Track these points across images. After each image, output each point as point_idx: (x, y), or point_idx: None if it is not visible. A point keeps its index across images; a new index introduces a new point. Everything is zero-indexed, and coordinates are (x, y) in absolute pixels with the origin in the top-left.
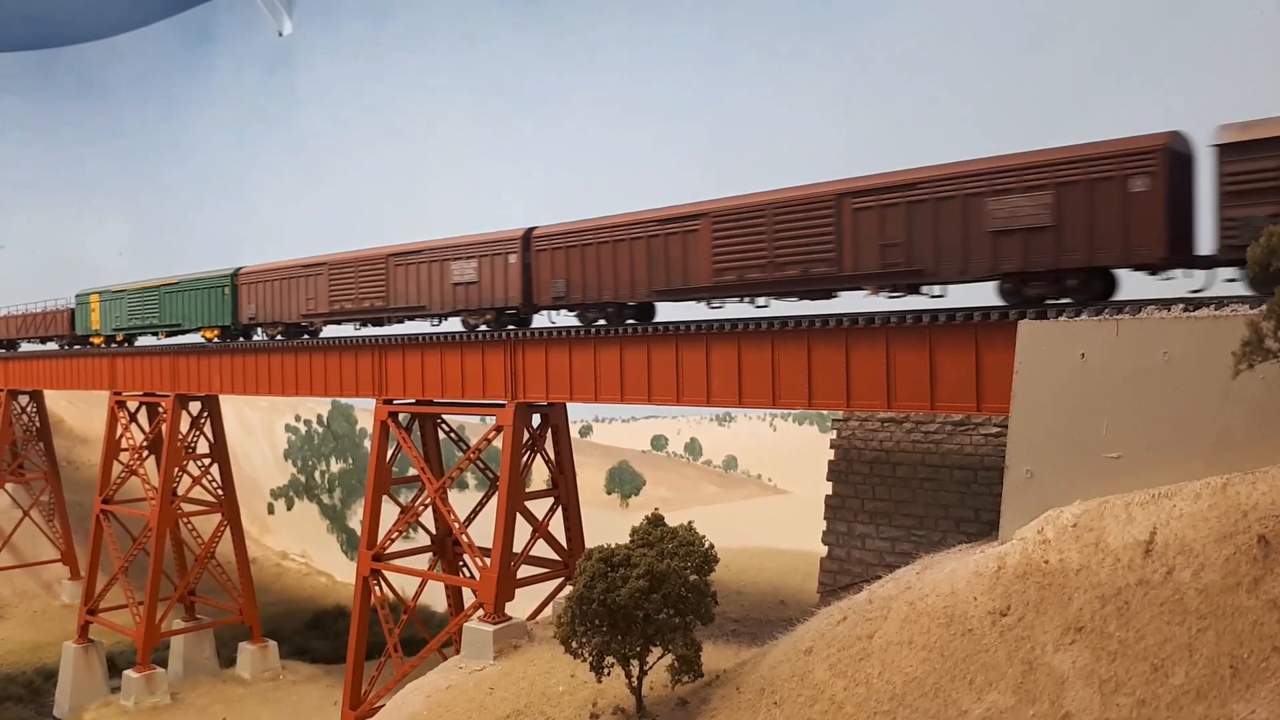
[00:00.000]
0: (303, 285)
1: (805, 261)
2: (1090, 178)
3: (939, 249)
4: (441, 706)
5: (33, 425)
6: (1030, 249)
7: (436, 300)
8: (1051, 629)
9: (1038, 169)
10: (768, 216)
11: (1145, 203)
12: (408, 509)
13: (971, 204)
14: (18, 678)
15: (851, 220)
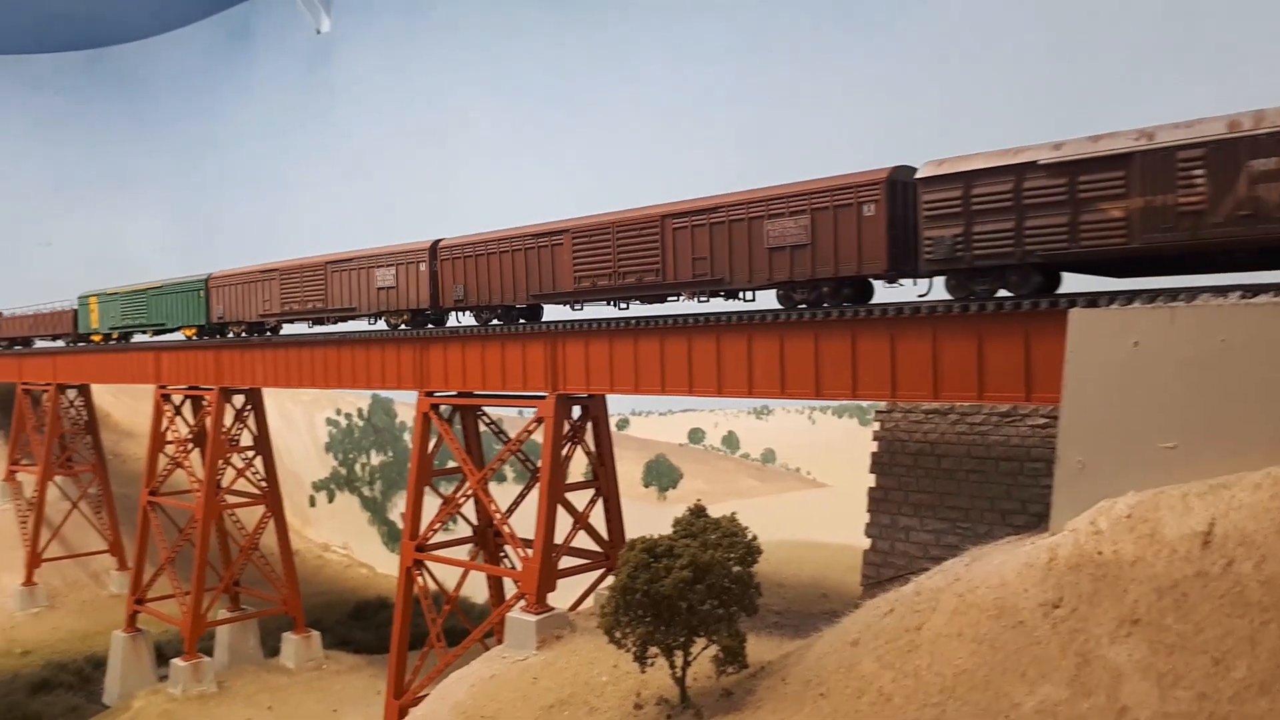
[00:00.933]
0: (260, 289)
1: (640, 271)
2: (835, 204)
3: (733, 262)
4: (486, 695)
5: (81, 419)
6: (795, 262)
7: (363, 303)
8: (1106, 621)
9: (798, 197)
10: (612, 234)
11: (873, 225)
12: (449, 500)
13: (754, 225)
14: (68, 665)
15: (671, 238)
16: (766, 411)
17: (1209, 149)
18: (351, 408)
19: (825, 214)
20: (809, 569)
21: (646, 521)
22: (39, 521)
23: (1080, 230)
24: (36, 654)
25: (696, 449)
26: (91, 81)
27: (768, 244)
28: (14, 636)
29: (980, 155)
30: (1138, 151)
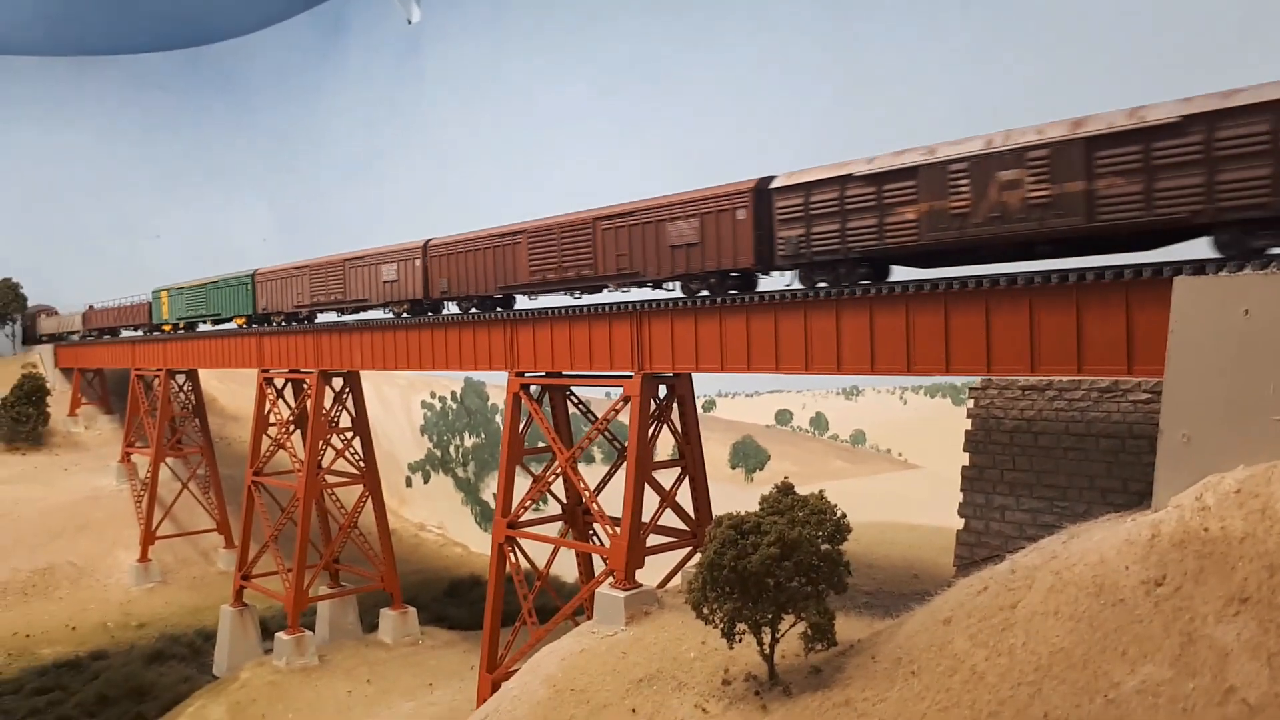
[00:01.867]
0: (295, 283)
1: (579, 266)
2: (717, 210)
3: (645, 258)
4: (576, 669)
5: (189, 403)
6: (690, 258)
7: (373, 294)
8: (1213, 600)
9: (691, 203)
10: (557, 235)
11: (744, 227)
12: (539, 478)
13: (661, 227)
14: (180, 638)
15: (601, 238)
16: (856, 392)
17: (970, 162)
18: (445, 391)
19: (710, 217)
20: (900, 550)
21: (734, 503)
22: (152, 501)
23: (885, 230)
24: (151, 627)
25: (784, 430)
26: (194, 78)
27: (670, 243)
28: (130, 610)
29: (817, 169)
30: (922, 164)
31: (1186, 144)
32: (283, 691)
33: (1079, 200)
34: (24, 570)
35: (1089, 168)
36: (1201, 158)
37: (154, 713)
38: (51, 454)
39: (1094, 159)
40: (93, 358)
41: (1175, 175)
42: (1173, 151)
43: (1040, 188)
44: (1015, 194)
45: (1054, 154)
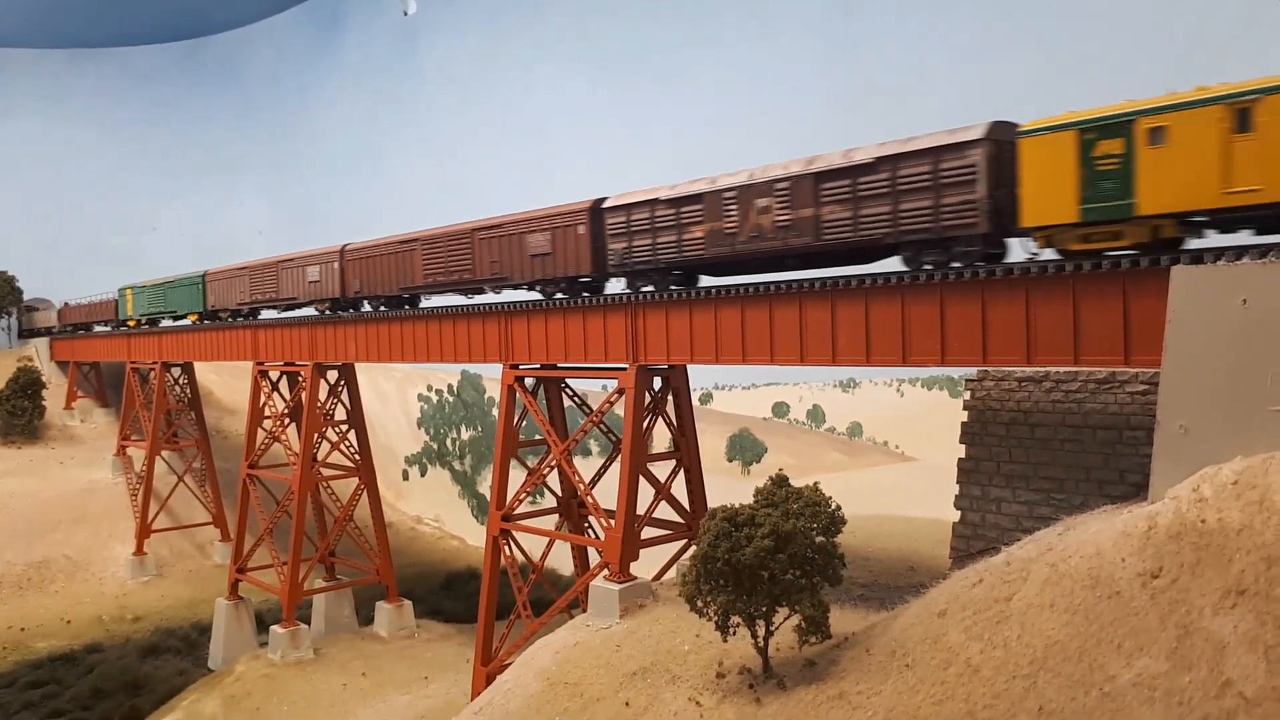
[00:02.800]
0: (238, 282)
1: (461, 270)
2: (564, 225)
3: (512, 265)
4: (570, 663)
5: (185, 396)
6: (545, 266)
7: (301, 293)
8: (1210, 592)
9: (545, 219)
10: (444, 243)
11: (583, 240)
12: (534, 471)
13: (523, 239)
14: (176, 631)
15: (478, 247)
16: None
17: (738, 191)
18: (442, 384)
19: (559, 232)
20: (896, 543)
21: (730, 495)
22: (148, 494)
23: (683, 245)
24: (146, 620)
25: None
26: (192, 71)
27: (530, 252)
28: (126, 603)
29: (636, 193)
30: (705, 192)
31: (879, 180)
32: (278, 685)
33: (810, 223)
34: (19, 563)
35: (817, 197)
36: (889, 191)
37: (149, 706)
38: (47, 447)
39: (820, 190)
40: (88, 351)
41: (872, 204)
42: (870, 185)
43: (784, 213)
44: (768, 218)
45: (793, 185)
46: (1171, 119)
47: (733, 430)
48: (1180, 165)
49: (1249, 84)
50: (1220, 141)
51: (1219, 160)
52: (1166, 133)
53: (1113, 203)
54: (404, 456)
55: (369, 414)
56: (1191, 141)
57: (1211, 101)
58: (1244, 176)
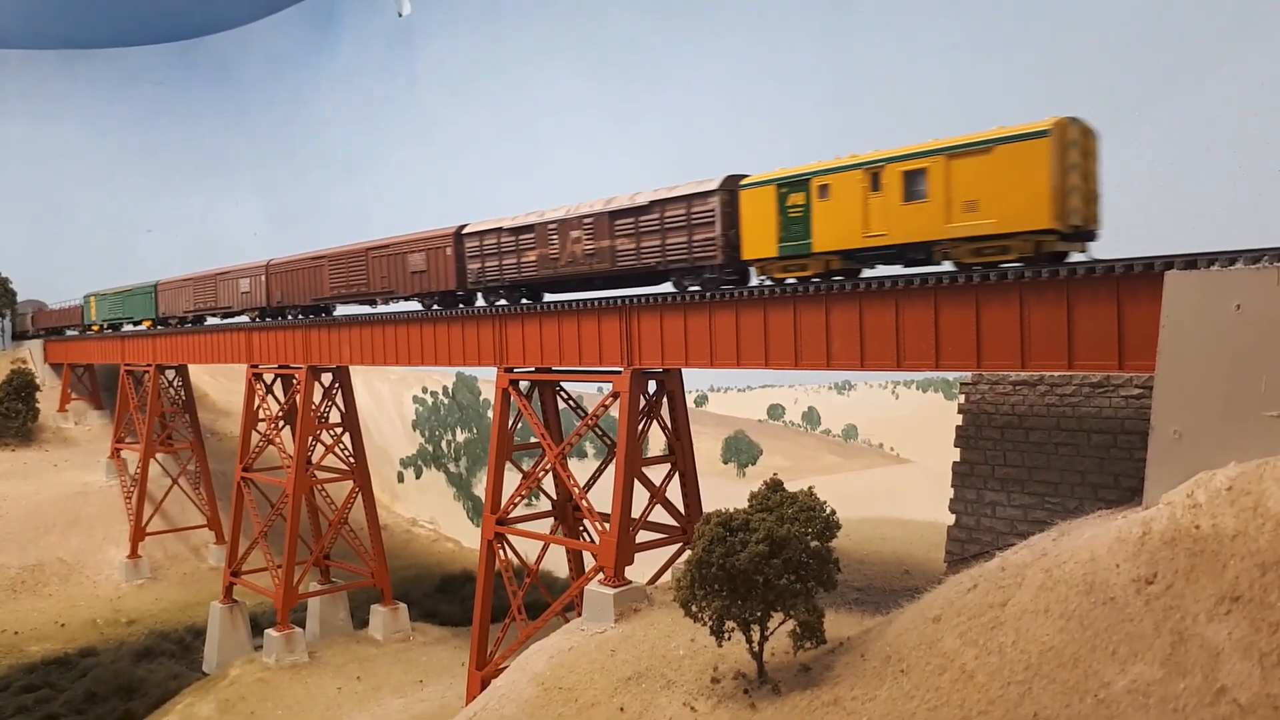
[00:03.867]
0: (184, 292)
1: (359, 284)
2: (434, 247)
3: (397, 280)
4: (564, 667)
5: (179, 398)
6: (422, 281)
7: (235, 302)
8: (1204, 598)
9: (421, 241)
10: (345, 260)
11: (449, 260)
12: (529, 474)
13: (406, 258)
14: (170, 635)
15: (370, 263)
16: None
17: (559, 224)
18: (437, 386)
19: (432, 252)
20: (891, 546)
21: (726, 498)
22: (142, 497)
23: (521, 267)
24: (140, 623)
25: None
26: (186, 72)
27: (410, 270)
28: (120, 606)
29: (488, 221)
30: (536, 223)
31: (652, 219)
32: (272, 688)
33: (608, 252)
34: (13, 567)
35: (612, 231)
36: (659, 228)
37: (143, 710)
38: (41, 450)
39: (614, 226)
40: (82, 353)
41: (649, 238)
42: (647, 223)
43: (590, 243)
44: (579, 246)
45: (595, 221)
46: (832, 179)
47: (728, 432)
48: (838, 214)
49: (879, 153)
50: (862, 197)
51: (861, 211)
52: (830, 189)
53: (798, 242)
54: (399, 459)
55: (364, 416)
56: (845, 197)
57: (856, 166)
58: (876, 224)
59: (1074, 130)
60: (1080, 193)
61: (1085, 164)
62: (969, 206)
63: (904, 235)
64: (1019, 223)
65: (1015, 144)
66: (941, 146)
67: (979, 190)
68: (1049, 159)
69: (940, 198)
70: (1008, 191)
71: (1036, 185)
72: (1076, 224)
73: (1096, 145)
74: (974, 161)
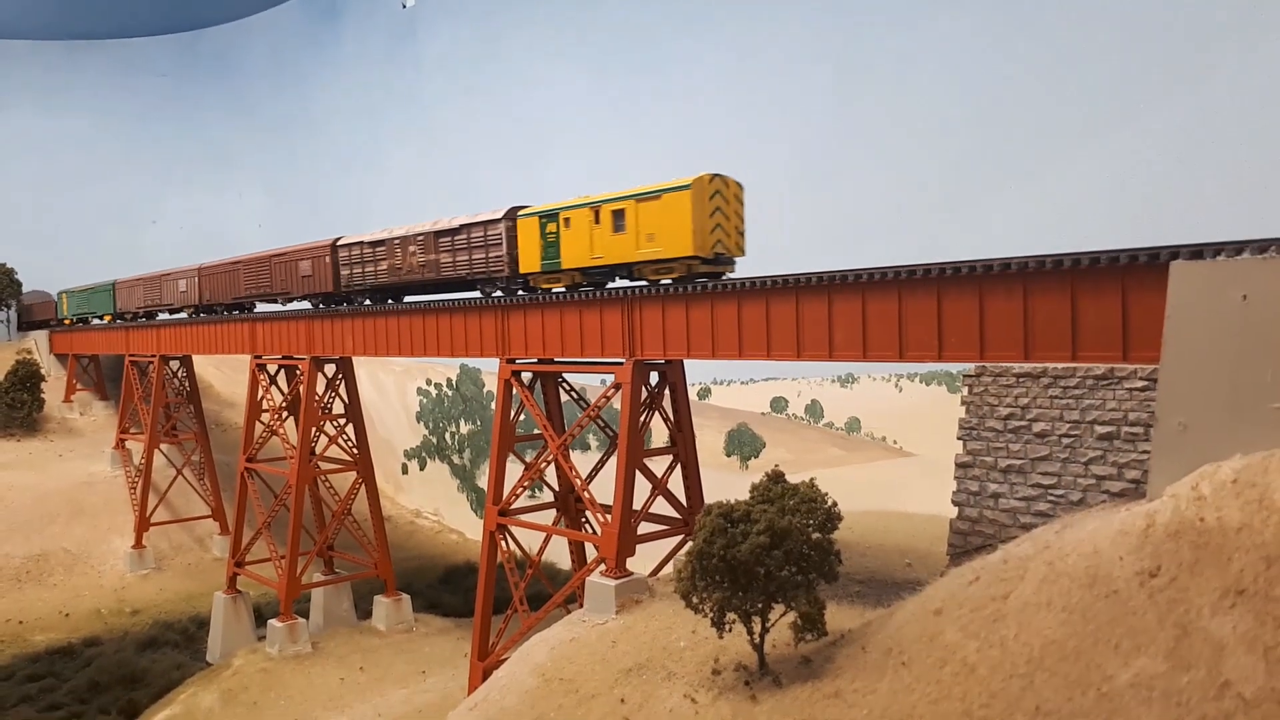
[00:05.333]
0: (137, 289)
1: (265, 285)
2: (318, 255)
3: (292, 282)
4: (565, 659)
5: (184, 389)
6: (309, 284)
7: (175, 300)
8: (1208, 591)
9: (308, 250)
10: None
11: (330, 267)
12: (531, 466)
13: (297, 264)
14: (174, 625)
15: (272, 268)
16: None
17: (400, 240)
18: (441, 377)
19: (317, 260)
20: (893, 538)
21: (728, 490)
22: (146, 487)
23: (378, 274)
24: (145, 614)
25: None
26: (190, 63)
27: (301, 274)
28: (124, 597)
29: (355, 235)
30: (385, 239)
31: (461, 239)
32: (276, 679)
33: (435, 265)
34: (18, 556)
35: (437, 248)
36: (467, 247)
37: (146, 700)
38: (46, 440)
39: (438, 243)
40: (87, 343)
41: (462, 254)
42: (461, 242)
43: (422, 256)
44: (414, 259)
45: (425, 239)
46: (572, 214)
47: (731, 425)
48: (576, 241)
49: (599, 196)
50: (589, 229)
51: (589, 239)
52: (571, 221)
53: (553, 260)
54: (403, 450)
55: (368, 407)
56: (580, 228)
57: (585, 205)
58: (598, 249)
59: (716, 183)
60: (723, 229)
61: (727, 207)
62: (650, 238)
63: (614, 258)
64: (676, 251)
65: (672, 193)
66: (634, 193)
67: (654, 227)
68: (691, 205)
69: (633, 231)
70: (669, 228)
71: (684, 224)
72: (719, 252)
73: (740, 191)
74: (651, 205)
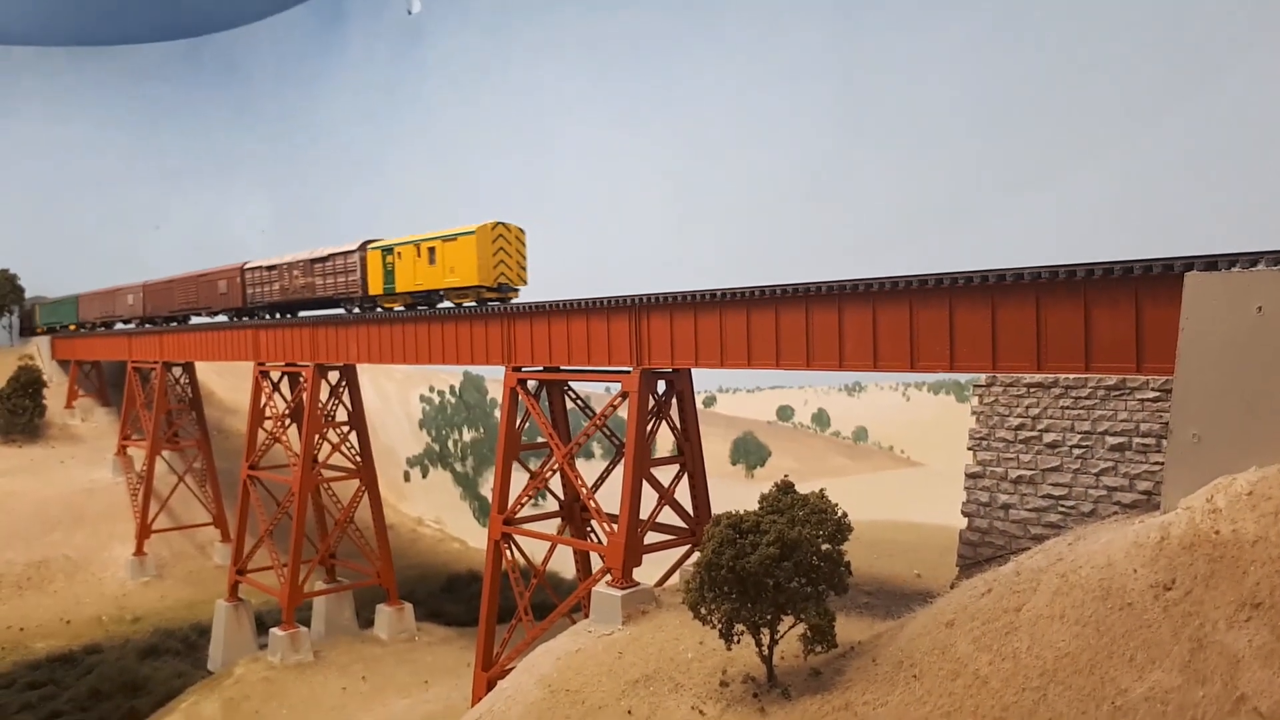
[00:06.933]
0: (95, 303)
1: (193, 301)
2: (231, 276)
3: (214, 298)
4: (571, 669)
5: (186, 396)
6: (226, 299)
7: (125, 312)
8: (1224, 605)
9: (223, 272)
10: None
11: (238, 287)
12: (537, 474)
13: (216, 283)
14: (175, 632)
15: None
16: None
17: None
18: (444, 385)
19: (231, 280)
20: (901, 549)
21: (734, 500)
22: (148, 494)
23: (272, 293)
24: (146, 621)
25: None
26: (194, 69)
27: (219, 291)
28: (125, 604)
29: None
30: (276, 265)
31: (328, 266)
32: (277, 688)
33: (311, 286)
34: (18, 563)
35: (312, 272)
36: (333, 272)
37: (147, 708)
38: (48, 446)
39: (312, 269)
40: (89, 350)
41: (329, 278)
42: (328, 268)
43: (302, 279)
44: (297, 281)
45: (304, 265)
46: (402, 249)
47: (737, 434)
48: (406, 270)
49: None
50: (413, 261)
51: (414, 269)
52: (402, 254)
53: (390, 285)
54: (405, 458)
55: (370, 415)
56: (408, 260)
57: (411, 242)
58: (420, 278)
59: (499, 229)
60: (505, 265)
61: (509, 248)
62: (452, 270)
63: (430, 285)
64: (468, 281)
65: (464, 237)
66: (441, 235)
67: (454, 262)
68: (476, 247)
69: (443, 264)
70: (463, 264)
71: (471, 261)
72: (502, 283)
73: (522, 235)
74: (451, 245)
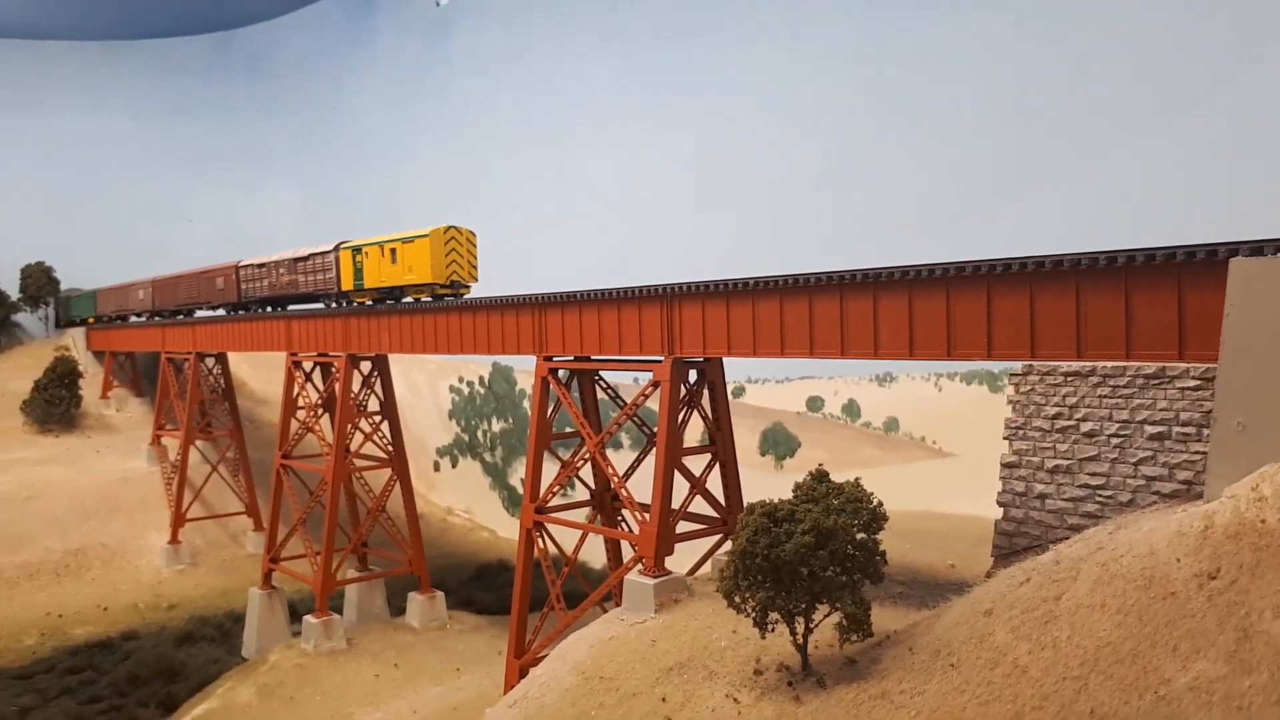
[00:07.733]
0: (112, 297)
1: (195, 296)
2: (229, 274)
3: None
4: (605, 657)
5: (219, 386)
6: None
7: (135, 306)
8: (1270, 594)
9: (222, 270)
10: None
11: (234, 283)
12: (568, 463)
13: (214, 279)
14: (210, 620)
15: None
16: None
17: (273, 264)
18: (473, 375)
19: (228, 277)
20: (935, 539)
21: (764, 490)
22: (182, 483)
23: (262, 289)
24: (181, 608)
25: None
26: (223, 63)
27: (217, 288)
28: (161, 592)
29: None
30: (265, 264)
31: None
32: (311, 674)
33: (295, 282)
34: (56, 551)
35: (294, 270)
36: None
37: (184, 693)
38: (83, 436)
39: (296, 267)
40: (124, 341)
41: (311, 275)
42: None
43: (287, 276)
44: (284, 278)
45: (289, 264)
46: (369, 249)
47: (766, 424)
48: (373, 268)
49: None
50: (379, 260)
51: (379, 267)
52: (369, 254)
53: (359, 281)
54: (435, 448)
55: (401, 406)
56: (374, 259)
57: (377, 243)
58: (384, 275)
59: (450, 232)
60: (457, 264)
61: (461, 249)
62: (410, 269)
63: (393, 282)
64: (424, 279)
65: (419, 239)
66: (400, 237)
67: (412, 261)
68: (430, 248)
69: (403, 263)
70: (419, 263)
71: (426, 261)
72: (454, 280)
73: (473, 237)
74: (410, 246)
